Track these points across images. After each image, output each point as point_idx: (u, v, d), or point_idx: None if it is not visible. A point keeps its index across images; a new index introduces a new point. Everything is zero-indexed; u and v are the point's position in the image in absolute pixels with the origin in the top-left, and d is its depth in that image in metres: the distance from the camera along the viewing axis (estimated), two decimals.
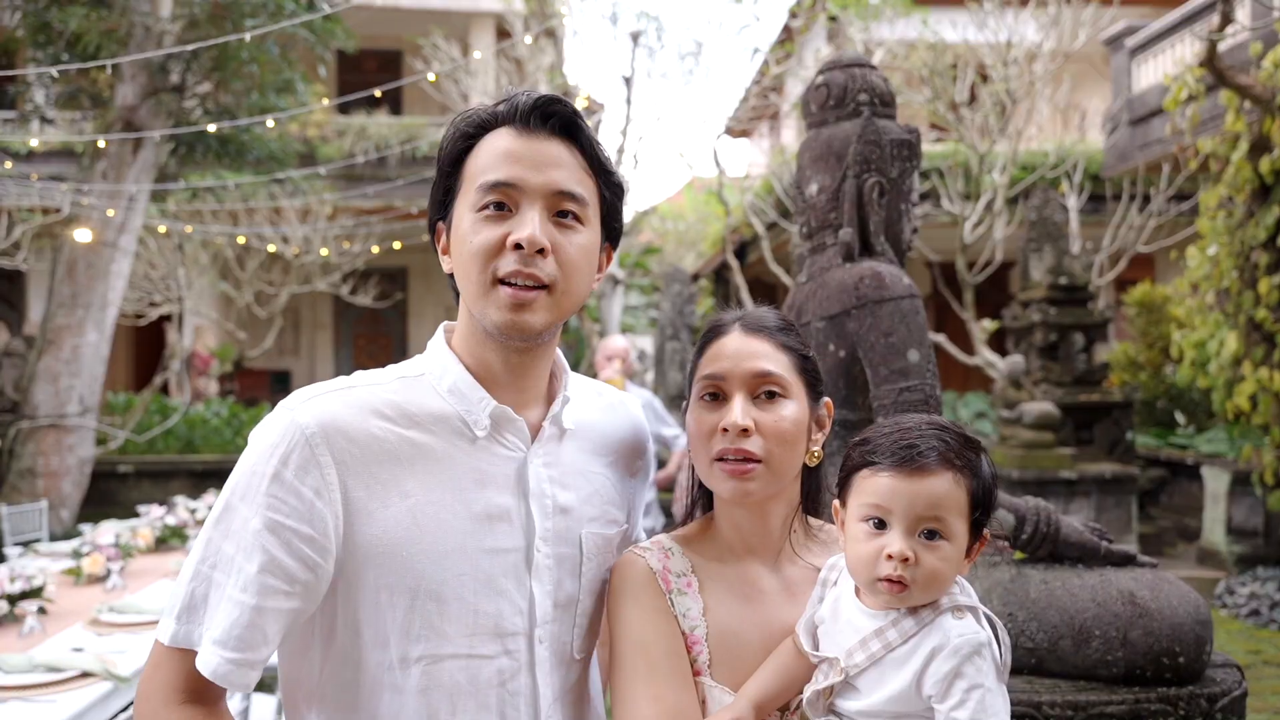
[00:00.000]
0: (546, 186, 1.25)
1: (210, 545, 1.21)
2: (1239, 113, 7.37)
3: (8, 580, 3.85)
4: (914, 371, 2.45)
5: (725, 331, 1.37)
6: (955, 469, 1.22)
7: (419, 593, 1.22)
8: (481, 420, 1.29)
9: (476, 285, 1.25)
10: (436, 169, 1.33)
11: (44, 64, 9.10)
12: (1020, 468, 8.14)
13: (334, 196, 13.35)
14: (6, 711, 2.89)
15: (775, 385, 1.32)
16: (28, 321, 15.86)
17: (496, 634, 1.26)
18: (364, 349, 19.76)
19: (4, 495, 9.38)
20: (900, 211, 2.66)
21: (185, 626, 1.19)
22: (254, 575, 1.17)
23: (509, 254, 1.23)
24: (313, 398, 1.25)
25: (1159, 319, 11.59)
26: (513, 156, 1.25)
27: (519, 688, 1.28)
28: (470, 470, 1.28)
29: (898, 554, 1.20)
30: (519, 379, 1.33)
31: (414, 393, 1.30)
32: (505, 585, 1.27)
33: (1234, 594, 7.47)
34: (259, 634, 1.17)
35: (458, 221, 1.29)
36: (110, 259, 9.73)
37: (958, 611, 1.22)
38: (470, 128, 1.30)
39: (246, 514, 1.19)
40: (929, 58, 11.20)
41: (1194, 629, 2.25)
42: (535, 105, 1.28)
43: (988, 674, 1.18)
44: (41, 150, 13.71)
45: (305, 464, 1.19)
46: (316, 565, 1.19)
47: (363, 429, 1.23)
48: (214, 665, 1.17)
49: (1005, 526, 2.42)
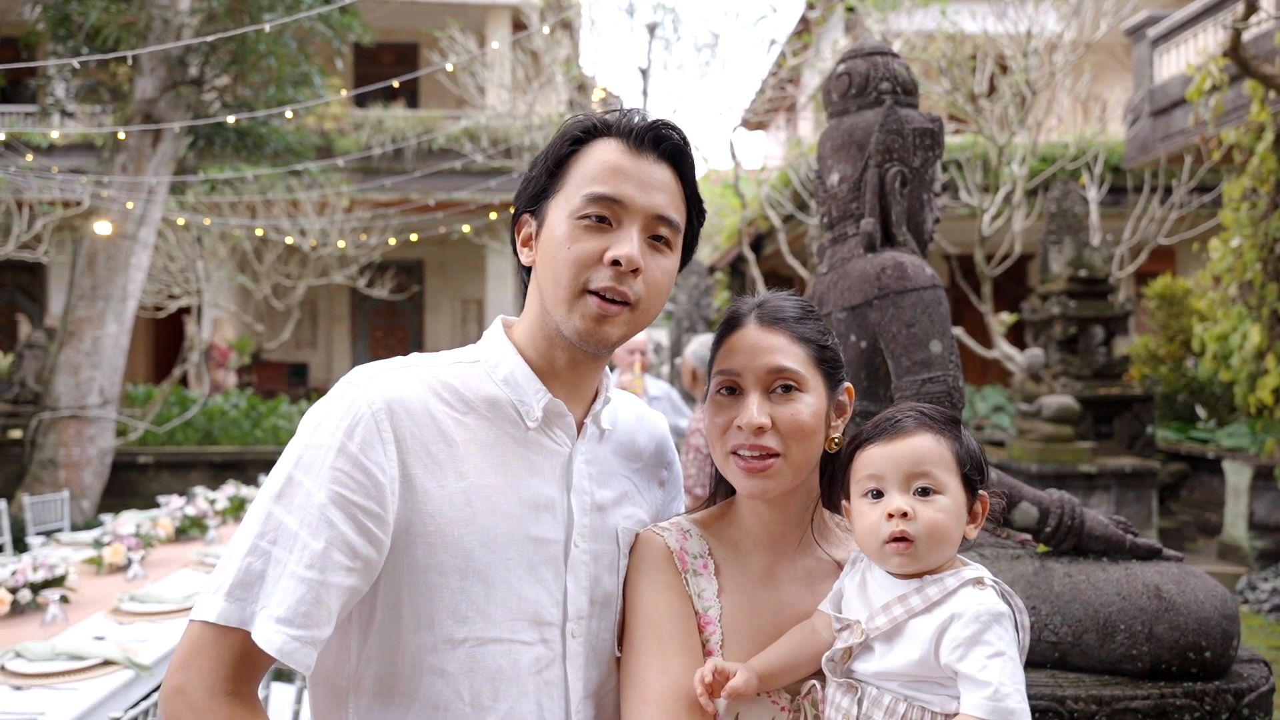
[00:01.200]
0: (649, 209, 1.28)
1: (270, 520, 1.18)
2: (1263, 103, 7.28)
3: (30, 569, 3.89)
4: (936, 363, 2.42)
5: (742, 324, 1.38)
6: (934, 430, 1.28)
7: (468, 574, 1.22)
8: (535, 411, 1.31)
9: (566, 290, 1.27)
10: (538, 165, 1.34)
11: (64, 57, 9.15)
12: (1039, 461, 8.09)
13: (351, 189, 13.39)
14: (29, 699, 2.91)
15: (791, 380, 1.32)
16: (49, 314, 16.01)
17: (535, 621, 1.27)
18: (380, 341, 19.84)
19: (26, 486, 9.47)
20: (922, 201, 2.63)
21: (238, 604, 1.14)
22: (320, 551, 1.15)
23: (604, 268, 1.26)
24: (377, 375, 1.26)
25: (1180, 312, 11.49)
26: (621, 173, 1.27)
27: (553, 677, 1.28)
28: (520, 458, 1.30)
29: (896, 510, 1.24)
30: (579, 379, 1.36)
31: (470, 377, 1.32)
32: (545, 575, 1.28)
33: (1256, 589, 7.40)
34: (324, 611, 1.15)
35: (553, 221, 1.30)
36: (130, 252, 9.79)
37: (979, 584, 1.23)
38: (580, 132, 1.32)
39: (310, 488, 1.17)
40: (948, 49, 11.10)
41: (1221, 624, 2.22)
42: (650, 127, 1.31)
43: (1009, 643, 1.19)
44: (62, 143, 13.82)
45: (369, 439, 1.19)
46: (379, 541, 1.19)
47: (424, 409, 1.25)
48: (280, 643, 1.12)
49: (1029, 519, 2.40)
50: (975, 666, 1.17)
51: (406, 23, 17.08)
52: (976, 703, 1.16)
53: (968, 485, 1.27)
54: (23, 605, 3.82)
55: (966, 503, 1.27)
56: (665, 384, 5.74)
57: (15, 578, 3.82)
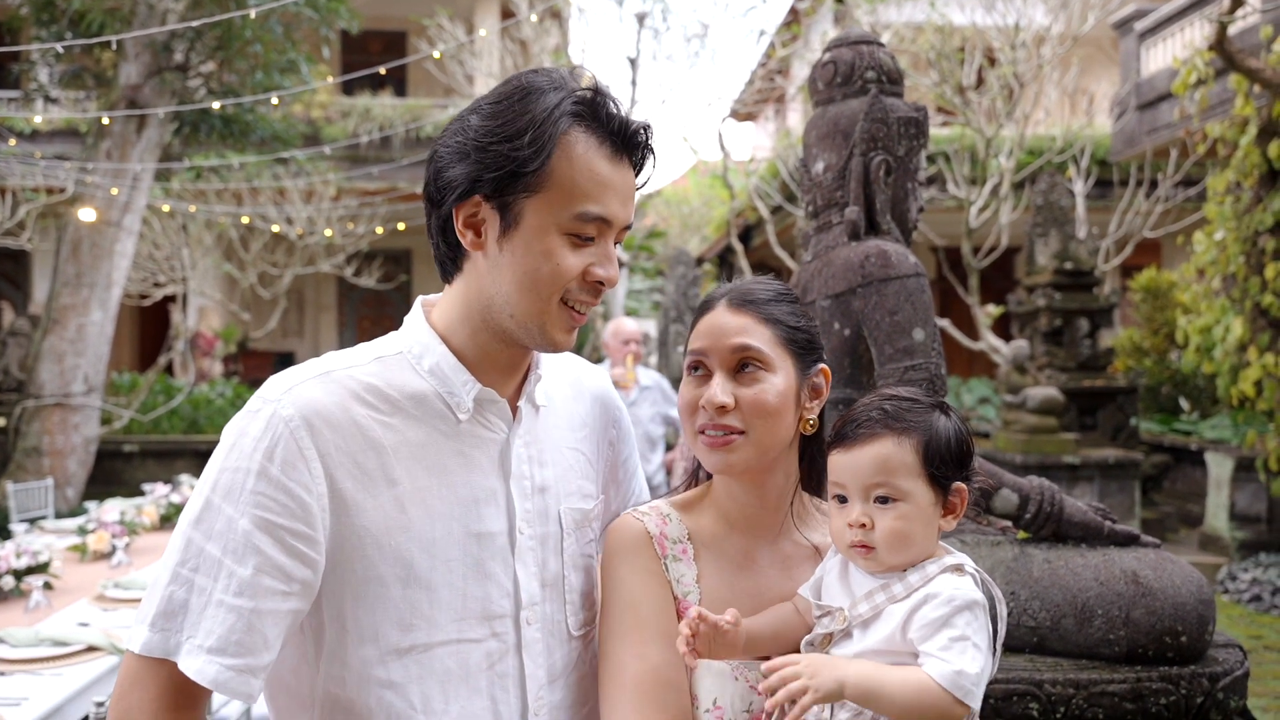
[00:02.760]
0: (624, 221, 1.28)
1: (190, 547, 1.14)
2: (1248, 97, 7.31)
3: (14, 555, 3.88)
4: (919, 350, 2.44)
5: (712, 307, 1.38)
6: (895, 431, 1.27)
7: (409, 582, 1.20)
8: (465, 403, 1.27)
9: (542, 301, 1.24)
10: (510, 140, 1.19)
11: (48, 42, 9.07)
12: (1024, 452, 8.14)
13: (338, 177, 13.31)
14: (13, 684, 2.91)
15: (754, 359, 1.33)
16: (33, 301, 15.89)
17: (484, 617, 1.25)
18: (368, 331, 19.76)
19: (10, 473, 9.42)
20: (907, 190, 2.65)
21: (161, 634, 1.12)
22: (249, 578, 1.12)
23: (586, 285, 1.24)
24: (292, 387, 1.20)
25: (1164, 304, 11.55)
26: (610, 188, 1.24)
27: (507, 669, 1.27)
28: (454, 453, 1.26)
29: (854, 521, 1.26)
30: (511, 368, 1.33)
31: (392, 373, 1.26)
32: (492, 568, 1.26)
33: (1236, 580, 7.48)
34: (259, 638, 1.12)
35: (533, 227, 1.21)
36: (114, 239, 9.72)
37: (958, 570, 1.25)
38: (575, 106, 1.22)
39: (232, 514, 1.13)
40: (936, 41, 11.11)
41: (1197, 608, 2.25)
42: (635, 131, 1.26)
43: (977, 631, 1.20)
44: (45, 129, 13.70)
45: (291, 458, 1.15)
46: (312, 561, 1.16)
47: (346, 418, 1.19)
48: (213, 674, 1.10)
49: (1009, 506, 2.42)
50: (937, 646, 1.18)
51: (395, 10, 16.99)
52: (937, 670, 1.17)
53: (936, 482, 1.27)
54: (6, 591, 3.81)
55: (937, 499, 1.27)
56: (656, 373, 5.77)
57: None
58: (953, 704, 1.16)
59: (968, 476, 1.31)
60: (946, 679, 1.16)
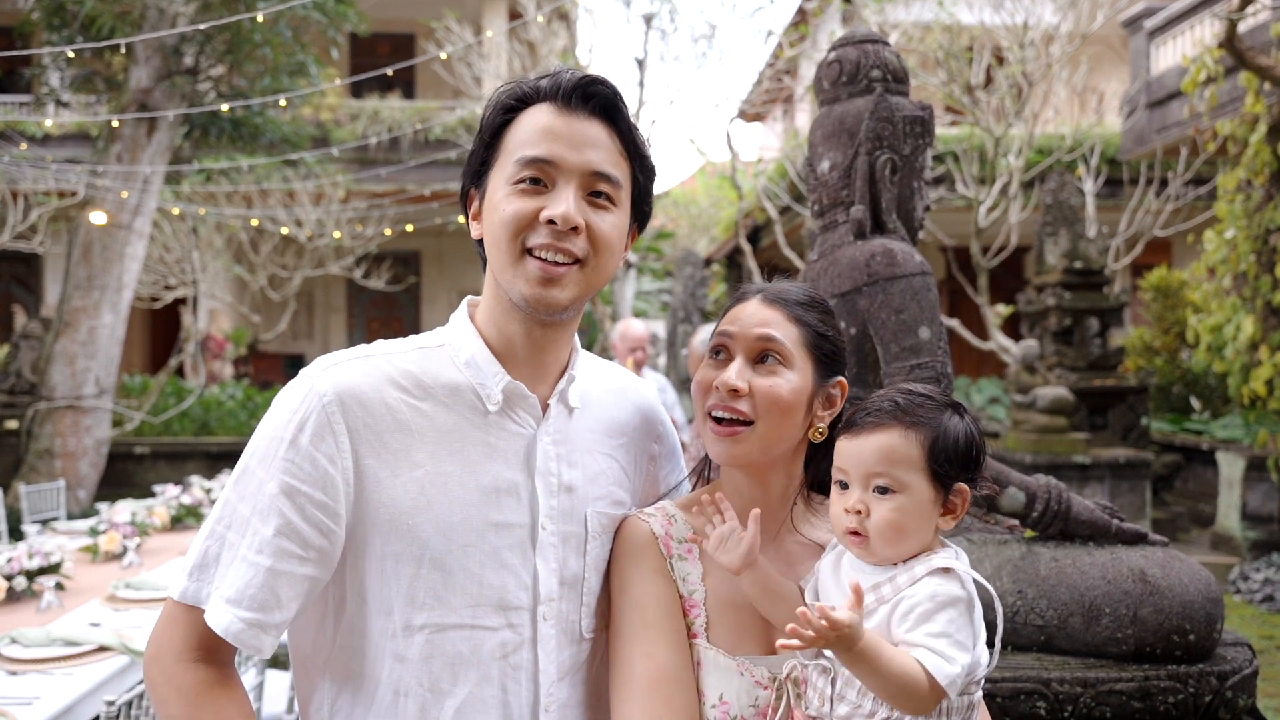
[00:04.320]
0: (583, 166, 1.27)
1: (227, 506, 1.23)
2: (1259, 95, 7.28)
3: (26, 556, 3.90)
4: (925, 349, 2.44)
5: (746, 298, 1.41)
6: (904, 424, 1.27)
7: (424, 561, 1.23)
8: (494, 395, 1.30)
9: (506, 255, 1.27)
10: (477, 139, 1.34)
11: (59, 46, 9.13)
12: (1034, 452, 8.12)
13: (347, 179, 13.36)
14: (25, 683, 2.93)
15: (776, 352, 1.35)
16: (44, 304, 15.99)
17: (500, 607, 1.27)
18: (377, 332, 19.81)
19: (22, 475, 9.47)
20: (913, 189, 2.64)
21: (196, 584, 1.22)
22: (270, 538, 1.19)
23: (541, 227, 1.25)
24: (332, 366, 1.27)
25: (1175, 304, 11.50)
26: (552, 134, 1.26)
27: (521, 661, 1.29)
28: (480, 444, 1.29)
29: (851, 507, 1.27)
30: (539, 354, 1.34)
31: (431, 363, 1.31)
32: (510, 560, 1.28)
33: (1248, 579, 7.44)
34: (272, 596, 1.19)
35: (492, 191, 1.30)
36: (125, 242, 9.78)
37: (945, 573, 1.25)
38: (511, 100, 1.31)
39: (263, 477, 1.21)
40: (944, 40, 11.09)
41: (1204, 606, 2.24)
42: (578, 84, 1.29)
43: (959, 629, 1.21)
44: (57, 133, 13.79)
45: (320, 431, 1.22)
46: (330, 531, 1.21)
47: (378, 398, 1.25)
48: (226, 623, 1.18)
49: (1016, 504, 2.42)
50: (917, 638, 1.20)
51: (402, 13, 17.03)
52: (926, 658, 1.18)
53: (939, 480, 1.27)
54: (18, 592, 3.83)
55: (937, 496, 1.27)
56: (661, 377, 5.77)
57: (11, 565, 3.83)
58: (935, 690, 1.17)
59: (974, 480, 1.31)
60: (933, 666, 1.17)
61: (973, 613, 1.24)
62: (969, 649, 1.21)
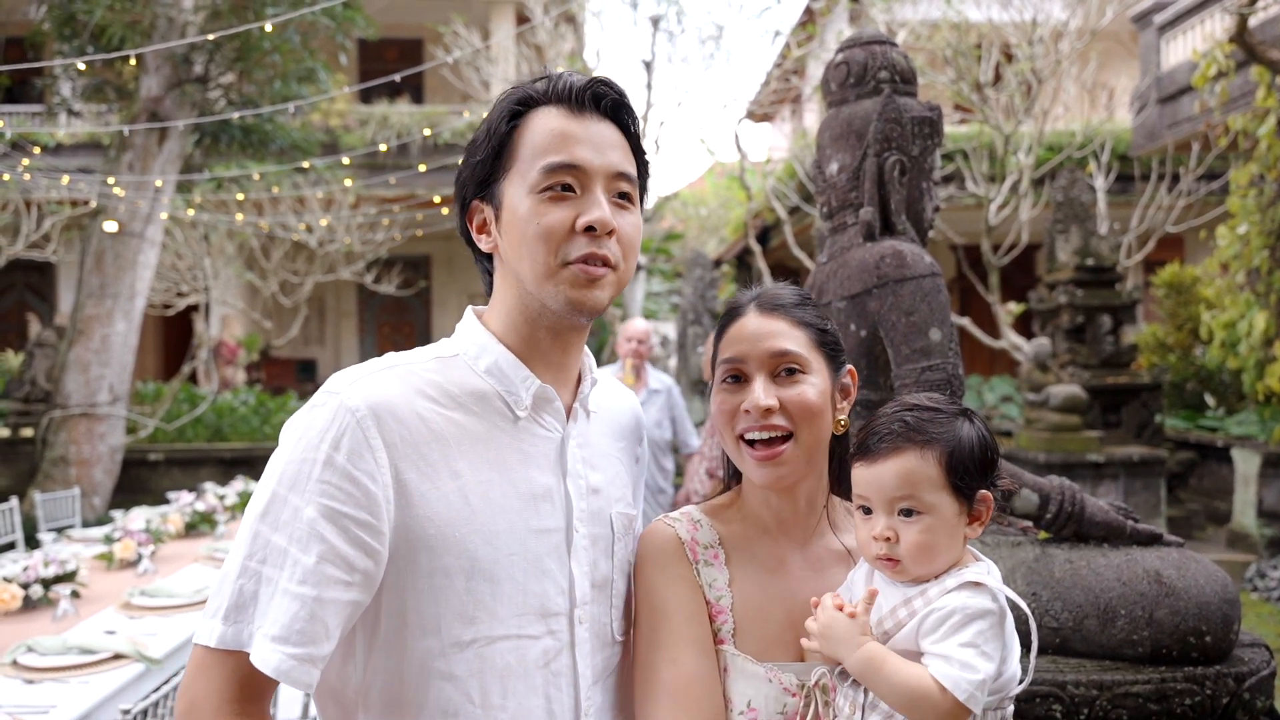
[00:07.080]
0: (608, 168, 1.26)
1: (257, 539, 1.15)
2: (1270, 89, 7.24)
3: (42, 565, 3.92)
4: (936, 351, 2.43)
5: (742, 313, 1.39)
6: (917, 445, 1.27)
7: (474, 574, 1.20)
8: (524, 400, 1.29)
9: (544, 266, 1.24)
10: (481, 148, 1.30)
11: (69, 57, 9.19)
12: (1047, 451, 8.07)
13: (357, 185, 13.39)
14: (41, 692, 2.94)
15: (794, 363, 1.34)
16: (58, 312, 16.09)
17: (542, 614, 1.26)
18: (388, 337, 19.88)
19: (37, 483, 9.53)
20: (921, 190, 2.64)
21: (234, 627, 1.14)
22: (312, 566, 1.12)
23: (579, 237, 1.23)
24: (358, 380, 1.22)
25: (1188, 300, 11.43)
26: (573, 138, 1.25)
27: (561, 668, 1.27)
28: (513, 450, 1.28)
29: (879, 534, 1.26)
30: (564, 358, 1.34)
31: (453, 372, 1.29)
32: (549, 565, 1.27)
33: (1265, 577, 7.38)
34: (321, 628, 1.12)
35: (513, 202, 1.26)
36: (137, 249, 9.84)
37: (976, 587, 1.24)
38: (516, 105, 1.29)
39: (298, 504, 1.15)
40: (953, 38, 11.04)
41: (1221, 608, 2.22)
42: (588, 86, 1.27)
43: (986, 640, 1.20)
44: (69, 143, 13.88)
45: (358, 448, 1.16)
46: (375, 552, 1.16)
47: (410, 410, 1.21)
48: (276, 662, 1.11)
49: (1030, 506, 2.41)
50: (942, 648, 1.19)
51: (411, 18, 17.08)
52: (940, 670, 1.18)
53: (960, 493, 1.27)
54: (34, 600, 3.85)
55: (962, 509, 1.27)
56: (669, 378, 5.64)
57: (27, 573, 3.85)
58: (953, 705, 1.16)
59: (993, 481, 1.31)
60: (948, 679, 1.16)
61: (1004, 626, 1.23)
62: (994, 660, 1.20)
